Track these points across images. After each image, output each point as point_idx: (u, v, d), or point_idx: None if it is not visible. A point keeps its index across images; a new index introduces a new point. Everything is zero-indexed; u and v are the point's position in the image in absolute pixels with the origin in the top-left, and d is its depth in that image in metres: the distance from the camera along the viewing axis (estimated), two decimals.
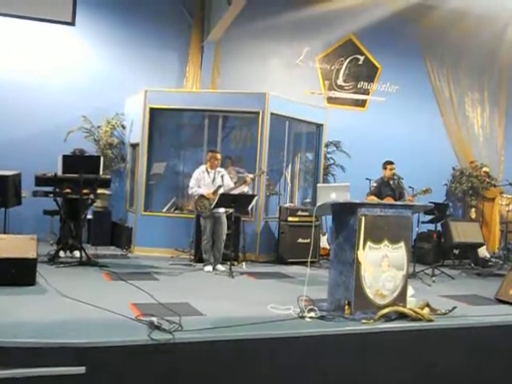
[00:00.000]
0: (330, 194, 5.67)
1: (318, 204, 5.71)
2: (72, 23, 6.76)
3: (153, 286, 6.41)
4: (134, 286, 6.25)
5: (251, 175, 8.75)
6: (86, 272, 7.13)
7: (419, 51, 12.55)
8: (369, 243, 5.29)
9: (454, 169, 12.86)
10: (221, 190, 7.93)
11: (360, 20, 11.42)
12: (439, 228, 9.39)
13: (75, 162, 7.64)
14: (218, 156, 8.21)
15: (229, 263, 7.70)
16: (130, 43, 10.41)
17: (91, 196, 7.90)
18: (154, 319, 4.53)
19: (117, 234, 9.77)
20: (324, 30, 11.52)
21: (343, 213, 5.43)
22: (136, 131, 9.69)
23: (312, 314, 5.14)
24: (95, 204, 9.03)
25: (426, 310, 5.41)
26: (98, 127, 10.07)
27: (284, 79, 11.29)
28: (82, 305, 5.19)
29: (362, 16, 11.24)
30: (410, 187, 8.66)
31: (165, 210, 9.71)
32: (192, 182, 8.14)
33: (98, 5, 10.11)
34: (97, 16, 10.16)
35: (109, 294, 5.89)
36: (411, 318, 5.23)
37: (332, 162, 11.21)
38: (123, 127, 10.30)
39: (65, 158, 7.49)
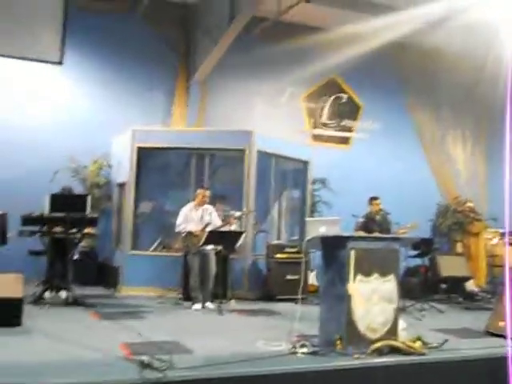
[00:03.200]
0: (319, 228, 5.64)
1: (308, 238, 5.72)
2: (60, 62, 6.79)
3: (142, 325, 6.32)
4: (123, 326, 6.14)
5: (238, 213, 8.76)
6: (73, 312, 7.00)
7: (401, 89, 12.78)
8: (359, 276, 5.27)
9: (438, 204, 12.95)
10: (209, 228, 7.90)
11: (342, 60, 11.62)
12: (426, 263, 9.44)
13: (63, 200, 7.60)
14: (207, 193, 8.22)
15: (218, 301, 7.61)
16: (116, 83, 10.53)
17: (78, 235, 7.81)
18: (145, 358, 4.43)
19: (103, 274, 9.66)
20: (307, 69, 11.67)
21: (333, 246, 5.43)
22: (123, 170, 9.69)
23: (304, 350, 5.07)
24: (82, 244, 8.93)
25: (418, 344, 5.37)
26: (85, 167, 10.06)
27: (269, 117, 11.42)
28: (71, 345, 5.08)
29: (344, 56, 11.45)
30: (395, 223, 8.73)
31: (151, 249, 9.62)
32: (180, 219, 8.11)
33: (85, 45, 10.22)
34: (84, 56, 10.29)
35: (97, 334, 5.78)
36: (403, 352, 5.18)
37: (318, 199, 11.24)
38: (110, 167, 10.29)
39: (53, 196, 7.44)
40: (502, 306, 6.42)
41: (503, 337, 5.96)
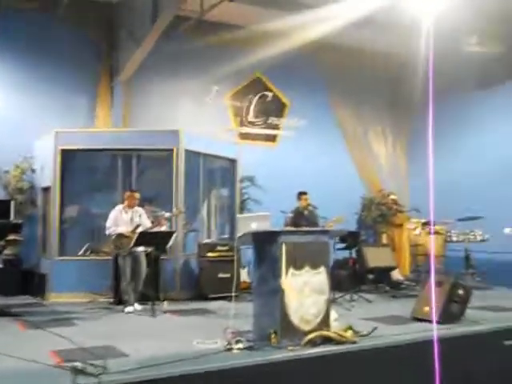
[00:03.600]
0: (250, 224, 5.69)
1: (240, 234, 5.76)
2: None
3: (72, 331, 6.15)
4: (52, 333, 5.96)
5: (167, 214, 8.69)
6: None
7: (323, 86, 13.05)
8: (291, 270, 5.37)
9: (362, 198, 13.31)
10: (139, 229, 7.80)
11: (266, 58, 11.76)
12: (354, 255, 9.71)
13: None
14: (136, 195, 8.13)
15: (150, 303, 7.53)
16: (35, 84, 10.13)
17: (1, 242, 7.52)
18: (78, 364, 4.35)
19: (29, 282, 9.31)
20: (232, 68, 11.73)
21: (264, 242, 5.50)
22: (47, 174, 9.38)
23: (239, 346, 5.12)
24: (5, 252, 8.59)
25: (350, 333, 5.53)
26: (6, 172, 9.68)
27: (195, 116, 11.34)
28: None
29: (268, 54, 11.56)
30: (322, 217, 8.94)
31: (79, 253, 9.37)
32: (109, 222, 7.96)
33: (1, 45, 9.84)
34: (2, 58, 9.88)
35: (25, 344, 5.59)
36: (336, 341, 5.33)
37: (247, 196, 11.32)
38: (33, 171, 9.94)
39: None
40: (427, 292, 6.73)
41: (429, 321, 6.25)
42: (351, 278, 9.16)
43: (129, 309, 7.68)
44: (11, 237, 8.04)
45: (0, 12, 9.32)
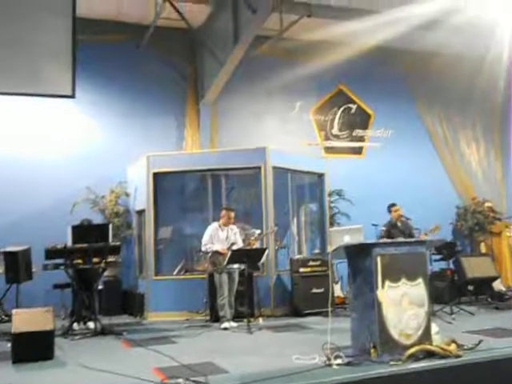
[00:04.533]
0: (343, 238, 5.64)
1: (333, 248, 5.71)
2: (72, 96, 6.89)
3: (172, 349, 6.31)
4: (154, 351, 6.14)
5: (258, 231, 8.80)
6: (102, 342, 7.01)
7: (408, 94, 12.80)
8: (387, 282, 5.26)
9: (457, 207, 12.88)
10: (234, 247, 7.95)
11: (347, 70, 11.74)
12: (451, 266, 9.37)
13: (85, 231, 7.65)
14: (232, 214, 8.26)
15: (245, 320, 7.61)
16: (126, 112, 10.67)
17: (102, 264, 7.84)
18: (181, 381, 4.45)
19: (129, 302, 9.69)
20: (314, 83, 11.80)
21: (358, 255, 5.43)
22: (140, 198, 9.76)
23: (339, 361, 5.04)
24: (105, 273, 8.96)
25: (453, 346, 5.32)
26: (102, 197, 10.17)
27: (280, 133, 11.48)
28: (105, 374, 5.08)
29: (348, 66, 11.53)
30: (415, 228, 8.71)
31: (175, 273, 9.65)
32: (205, 239, 8.14)
33: (94, 76, 10.35)
34: (93, 87, 10.42)
35: (129, 361, 5.78)
36: (439, 356, 5.15)
37: (336, 210, 11.25)
38: (127, 195, 10.38)
39: (74, 228, 7.51)
40: None
41: None
42: (450, 290, 8.84)
43: (225, 324, 7.78)
44: (111, 259, 8.35)
45: (88, 45, 9.80)
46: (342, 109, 12.44)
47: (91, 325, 7.70)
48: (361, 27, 9.93)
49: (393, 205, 8.83)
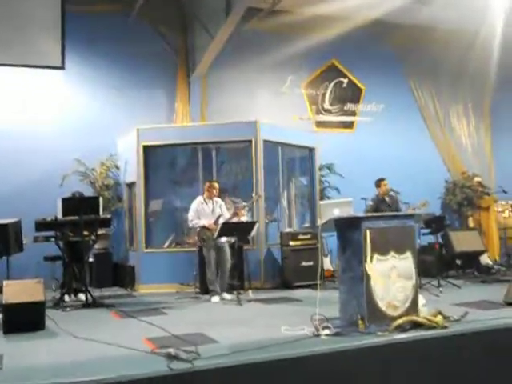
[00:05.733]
0: (332, 211, 5.69)
1: (323, 221, 5.76)
2: (62, 67, 6.82)
3: (163, 320, 6.36)
4: (145, 322, 6.20)
5: (245, 203, 8.82)
6: (93, 313, 7.06)
7: (400, 68, 12.77)
8: (376, 255, 5.32)
9: (446, 181, 12.96)
10: (221, 220, 7.96)
11: (339, 44, 11.67)
12: (439, 240, 9.47)
13: (75, 204, 7.66)
14: (216, 185, 8.25)
15: (235, 292, 7.68)
16: (117, 84, 10.59)
17: (92, 237, 7.87)
18: (171, 350, 4.49)
19: (119, 275, 9.74)
20: (306, 57, 11.74)
21: (348, 228, 5.48)
22: (131, 170, 9.76)
23: (327, 332, 5.12)
24: (96, 246, 8.98)
25: (439, 318, 5.41)
26: (93, 170, 10.14)
27: (271, 107, 11.46)
28: (96, 344, 5.13)
29: (341, 40, 11.46)
30: (404, 203, 8.77)
31: (165, 246, 9.70)
32: (191, 214, 8.15)
33: (84, 47, 10.26)
34: (84, 59, 10.33)
35: (121, 332, 5.83)
36: (426, 327, 5.23)
37: (327, 184, 11.31)
38: (117, 168, 10.37)
39: (64, 200, 7.52)
40: None
41: None
42: (438, 264, 8.94)
43: (215, 299, 7.85)
44: (101, 231, 8.38)
45: (77, 16, 9.66)
46: (333, 83, 12.41)
47: (82, 297, 7.75)
48: (355, 1, 9.88)
49: (381, 179, 8.83)
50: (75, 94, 10.46)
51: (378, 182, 8.81)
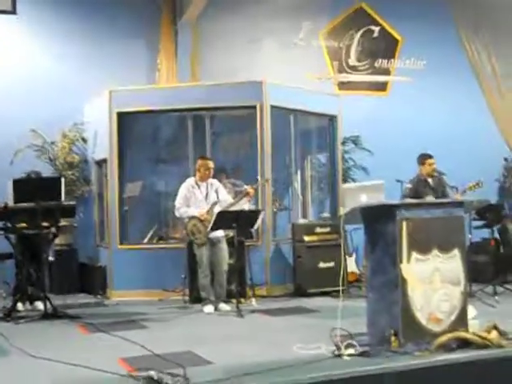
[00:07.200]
0: (359, 197, 5.69)
1: (346, 210, 5.76)
2: (13, 11, 6.80)
3: (142, 335, 6.42)
4: (120, 338, 6.25)
5: (248, 186, 8.80)
6: (54, 326, 7.12)
7: (448, 17, 12.67)
8: (414, 254, 5.33)
9: (505, 160, 12.95)
10: (217, 208, 7.97)
11: None
12: (496, 235, 9.48)
13: (30, 187, 7.69)
14: (210, 164, 8.23)
15: (235, 301, 7.72)
16: (85, 36, 10.59)
17: (53, 230, 7.89)
18: (153, 373, 4.54)
19: (87, 278, 9.81)
20: None
21: (378, 219, 5.49)
22: (101, 144, 9.79)
23: (351, 351, 5.15)
24: (57, 241, 9.02)
25: (494, 334, 5.44)
26: (52, 143, 10.16)
27: (281, 63, 11.42)
28: (58, 365, 5.16)
29: None
30: (452, 187, 8.75)
31: (145, 241, 9.74)
32: (179, 201, 8.16)
33: None
34: (43, 4, 10.30)
35: (89, 350, 5.88)
36: (477, 346, 5.26)
37: (351, 163, 11.32)
38: (84, 140, 10.39)
39: (16, 183, 7.52)
40: None
41: None
42: (494, 266, 8.96)
43: (208, 308, 7.88)
44: (63, 222, 8.41)
45: None
46: (361, 32, 12.38)
47: (40, 305, 7.81)
48: None
49: (428, 156, 8.72)
50: (30, 47, 10.47)
51: (423, 159, 8.70)
